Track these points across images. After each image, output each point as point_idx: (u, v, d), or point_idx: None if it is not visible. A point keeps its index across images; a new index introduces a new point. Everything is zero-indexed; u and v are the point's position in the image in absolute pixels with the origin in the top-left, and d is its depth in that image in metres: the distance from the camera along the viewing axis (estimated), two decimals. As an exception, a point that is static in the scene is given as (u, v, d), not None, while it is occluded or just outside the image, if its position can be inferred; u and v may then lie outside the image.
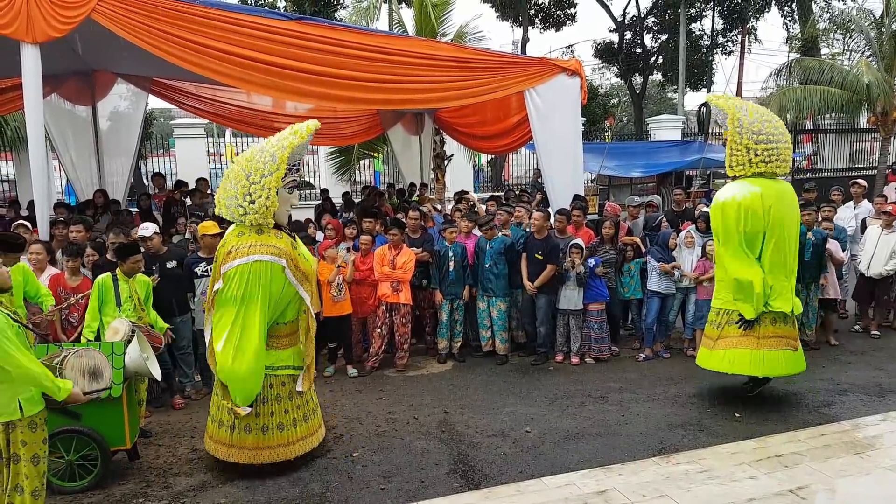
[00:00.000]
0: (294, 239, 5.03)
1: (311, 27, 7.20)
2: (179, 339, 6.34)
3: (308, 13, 14.98)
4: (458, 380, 7.02)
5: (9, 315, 3.87)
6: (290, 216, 5.22)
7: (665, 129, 18.65)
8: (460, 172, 16.86)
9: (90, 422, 4.69)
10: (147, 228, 6.65)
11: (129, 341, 4.89)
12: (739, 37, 24.40)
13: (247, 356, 4.61)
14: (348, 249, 7.39)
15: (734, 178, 5.96)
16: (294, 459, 4.97)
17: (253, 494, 4.68)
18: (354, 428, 5.77)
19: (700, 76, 24.61)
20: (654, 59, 25.57)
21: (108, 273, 5.63)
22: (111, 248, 6.37)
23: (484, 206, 9.59)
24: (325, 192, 13.18)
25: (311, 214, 11.86)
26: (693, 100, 29.59)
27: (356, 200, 11.94)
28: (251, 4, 15.76)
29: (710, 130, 16.71)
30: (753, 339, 5.85)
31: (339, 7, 18.09)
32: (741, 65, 24.98)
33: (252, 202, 4.58)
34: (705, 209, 7.64)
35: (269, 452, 4.84)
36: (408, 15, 17.00)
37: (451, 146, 14.18)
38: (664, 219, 8.26)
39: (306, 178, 20.46)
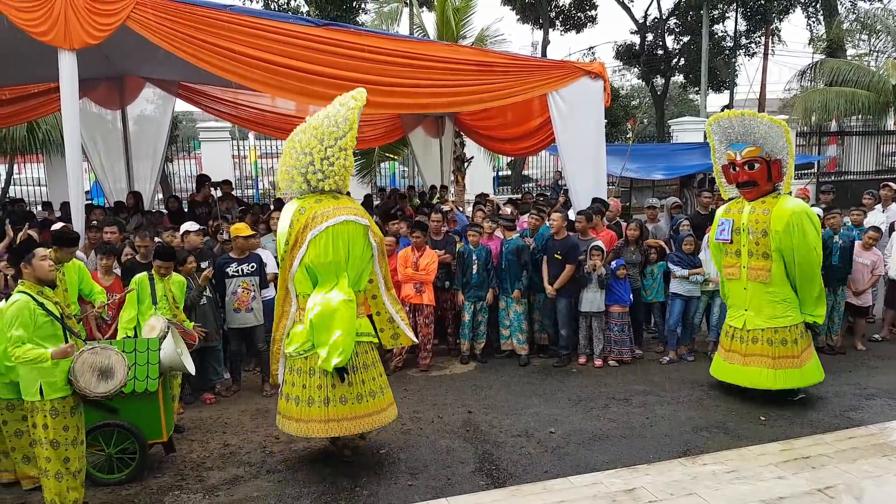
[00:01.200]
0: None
1: (336, 33, 7.32)
2: (210, 338, 6.48)
3: (331, 17, 15.15)
4: (480, 380, 7.09)
5: (40, 304, 4.03)
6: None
7: (687, 131, 18.58)
8: (480, 175, 16.93)
9: (128, 416, 4.84)
10: (191, 225, 6.95)
11: (163, 337, 5.03)
12: (763, 38, 24.22)
13: (345, 313, 4.57)
14: None
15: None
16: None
17: (283, 488, 4.80)
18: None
19: (723, 78, 24.48)
20: (675, 60, 25.45)
21: (145, 272, 5.80)
22: (140, 250, 6.55)
23: (509, 210, 9.64)
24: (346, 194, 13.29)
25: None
26: (716, 101, 29.35)
27: (377, 203, 12.06)
28: (275, 10, 15.95)
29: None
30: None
31: (361, 11, 18.27)
32: (765, 66, 24.80)
33: (331, 164, 4.62)
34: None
35: (368, 420, 4.83)
36: (429, 19, 17.18)
37: (471, 148, 14.26)
38: (685, 221, 8.26)
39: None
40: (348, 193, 5.03)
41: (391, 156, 16.96)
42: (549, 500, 4.46)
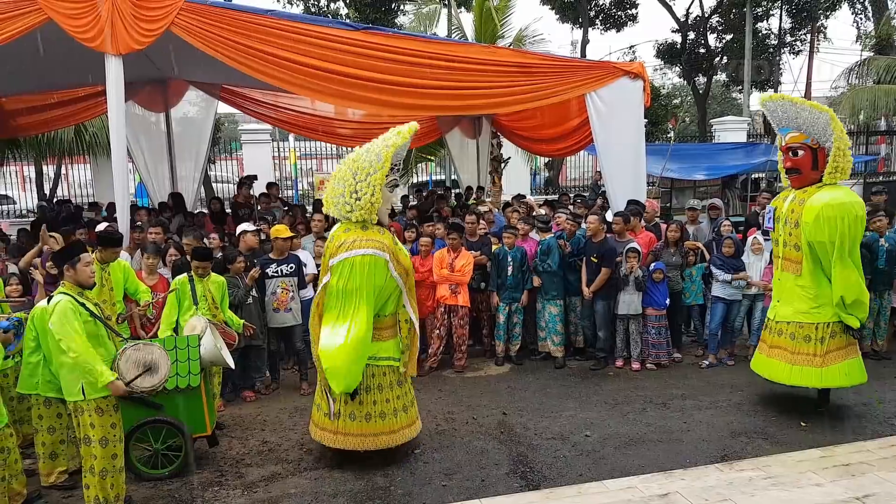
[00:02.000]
0: (394, 235, 5.26)
1: (375, 36, 7.39)
2: (256, 336, 6.61)
3: (370, 20, 15.28)
4: (515, 382, 7.08)
5: (80, 304, 4.17)
6: (392, 211, 5.47)
7: (730, 130, 18.24)
8: (517, 175, 16.87)
9: (172, 411, 4.98)
10: (248, 225, 7.22)
11: (202, 334, 5.17)
12: (808, 35, 23.60)
13: (350, 345, 4.76)
14: None
15: (821, 185, 5.77)
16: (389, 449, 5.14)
17: (321, 486, 4.87)
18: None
19: (767, 76, 23.93)
20: (718, 59, 24.97)
21: (185, 274, 5.95)
22: (188, 250, 6.72)
23: (543, 211, 9.60)
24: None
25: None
26: (759, 100, 28.67)
27: (412, 203, 12.12)
28: (315, 13, 16.15)
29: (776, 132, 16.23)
30: (854, 348, 5.90)
31: (399, 13, 18.39)
32: (810, 64, 24.11)
33: (358, 199, 4.81)
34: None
35: (373, 440, 5.03)
36: (467, 19, 17.16)
37: (508, 149, 14.22)
38: (726, 223, 8.11)
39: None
40: (382, 223, 5.14)
41: (428, 156, 17.01)
42: (584, 503, 4.45)
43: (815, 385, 5.85)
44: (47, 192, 17.41)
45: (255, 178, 11.44)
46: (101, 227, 7.08)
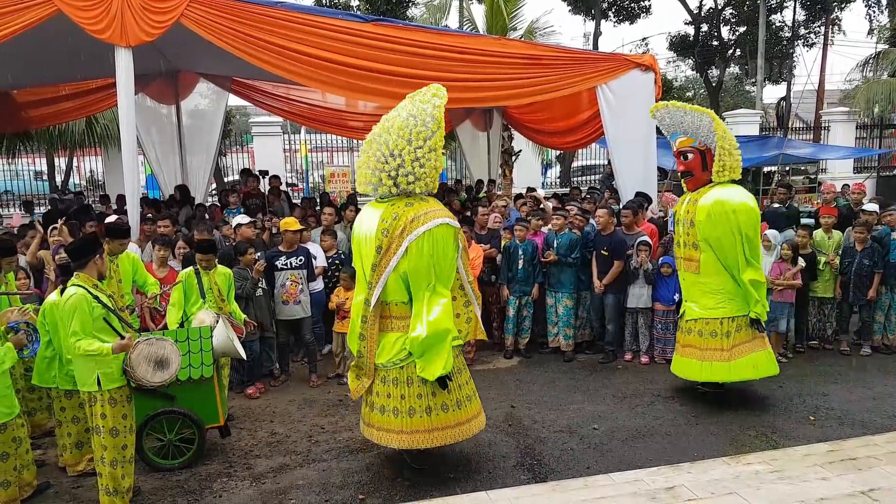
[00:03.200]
0: None
1: (385, 28, 7.39)
2: (266, 328, 6.66)
3: (381, 11, 15.24)
4: (524, 375, 7.08)
5: (93, 297, 4.21)
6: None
7: (742, 123, 18.09)
8: (528, 169, 16.83)
9: (185, 402, 5.02)
10: (243, 217, 7.17)
11: (214, 326, 5.20)
12: (822, 28, 23.35)
13: (446, 322, 4.47)
14: None
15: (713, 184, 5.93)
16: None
17: (328, 477, 4.90)
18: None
19: (780, 69, 23.71)
20: (731, 51, 24.76)
21: (191, 267, 5.97)
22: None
23: (550, 203, 9.57)
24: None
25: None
26: (772, 93, 28.43)
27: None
28: (326, 5, 16.14)
29: (789, 125, 16.10)
30: (762, 341, 5.98)
31: (410, 5, 18.33)
32: (824, 57, 23.88)
33: (422, 166, 4.45)
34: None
35: (468, 427, 4.72)
36: (478, 11, 17.08)
37: (519, 142, 14.18)
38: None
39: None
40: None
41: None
42: (590, 497, 4.44)
43: (725, 379, 5.92)
44: (59, 183, 17.56)
45: (265, 173, 11.43)
46: (110, 219, 7.12)
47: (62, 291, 4.31)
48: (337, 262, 7.54)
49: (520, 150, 14.36)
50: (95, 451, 4.33)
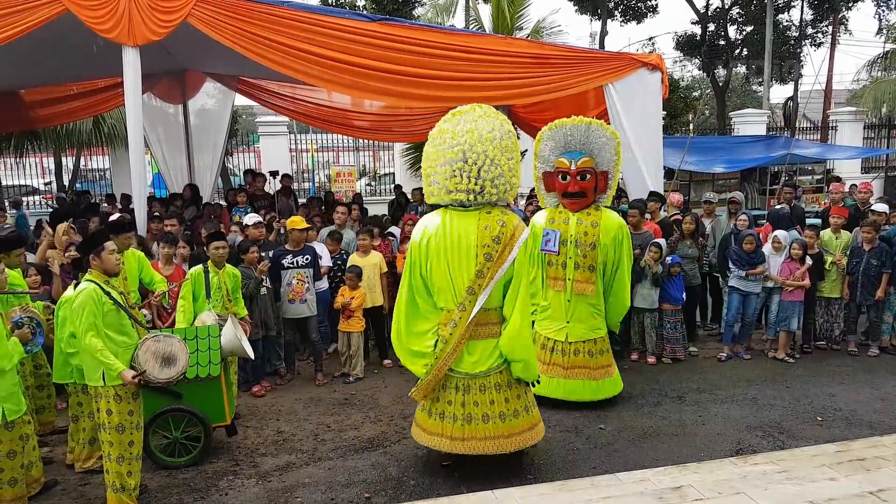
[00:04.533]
0: None
1: (392, 27, 7.38)
2: (271, 328, 6.65)
3: (387, 11, 15.24)
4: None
5: (105, 293, 4.22)
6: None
7: (749, 123, 18.04)
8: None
9: (192, 400, 5.03)
10: (251, 217, 7.15)
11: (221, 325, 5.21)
12: (830, 27, 23.23)
13: (530, 329, 4.89)
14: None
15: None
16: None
17: (334, 475, 4.90)
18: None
19: (788, 68, 23.58)
20: (738, 51, 24.66)
21: (201, 265, 5.98)
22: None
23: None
24: (398, 187, 13.43)
25: (385, 210, 12.14)
26: (779, 93, 28.27)
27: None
28: (332, 4, 16.16)
29: (797, 125, 16.03)
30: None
31: (416, 4, 18.32)
32: (832, 56, 23.77)
33: (514, 175, 4.73)
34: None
35: (530, 434, 4.88)
36: (485, 11, 17.07)
37: (524, 141, 14.14)
38: (743, 217, 8.03)
39: (381, 173, 20.92)
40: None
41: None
42: (596, 496, 4.42)
43: (617, 392, 6.12)
44: (66, 182, 17.62)
45: (275, 173, 11.43)
46: (114, 217, 7.15)
47: (76, 286, 4.34)
48: (339, 262, 7.54)
49: (525, 150, 14.30)
50: (102, 447, 4.33)
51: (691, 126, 13.95)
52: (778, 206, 9.13)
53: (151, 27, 6.79)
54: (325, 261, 7.38)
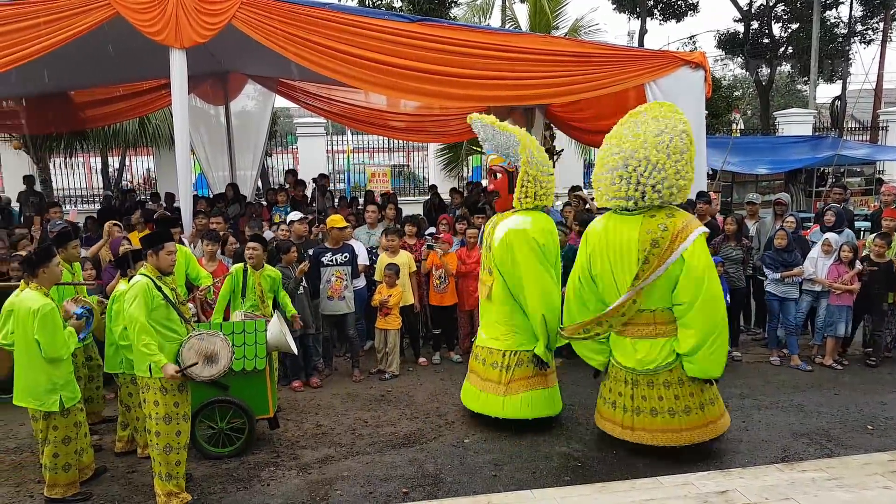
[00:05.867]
0: None
1: (430, 28, 7.42)
2: (309, 325, 6.74)
3: (424, 12, 15.30)
4: (566, 376, 6.93)
5: (158, 288, 4.32)
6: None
7: (794, 123, 17.62)
8: (570, 168, 16.65)
9: (237, 393, 5.15)
10: (295, 214, 7.29)
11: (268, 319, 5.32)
12: (881, 24, 22.56)
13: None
14: (430, 245, 7.48)
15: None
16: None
17: (372, 470, 4.94)
18: (465, 415, 5.90)
19: (835, 67, 23.00)
20: (782, 49, 24.12)
21: (241, 264, 6.10)
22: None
23: (596, 204, 9.43)
24: (433, 188, 13.47)
25: (420, 210, 12.18)
26: (826, 92, 27.56)
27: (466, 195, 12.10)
28: (370, 6, 16.28)
29: (844, 125, 15.61)
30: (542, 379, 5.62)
31: (453, 5, 18.34)
32: (882, 54, 23.08)
33: (682, 178, 4.80)
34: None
35: (704, 430, 4.98)
36: (521, 10, 17.05)
37: (561, 141, 14.03)
38: (790, 219, 7.84)
39: (415, 173, 21.01)
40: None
41: (479, 149, 16.94)
42: (638, 498, 4.37)
43: (498, 414, 5.49)
44: (112, 181, 18.10)
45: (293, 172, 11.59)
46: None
47: (129, 280, 4.46)
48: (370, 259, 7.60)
49: (562, 150, 14.19)
50: (149, 436, 4.44)
51: (734, 126, 13.67)
52: (834, 206, 8.83)
53: (197, 30, 6.94)
54: (363, 259, 7.44)
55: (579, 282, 5.21)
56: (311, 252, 6.97)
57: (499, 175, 5.68)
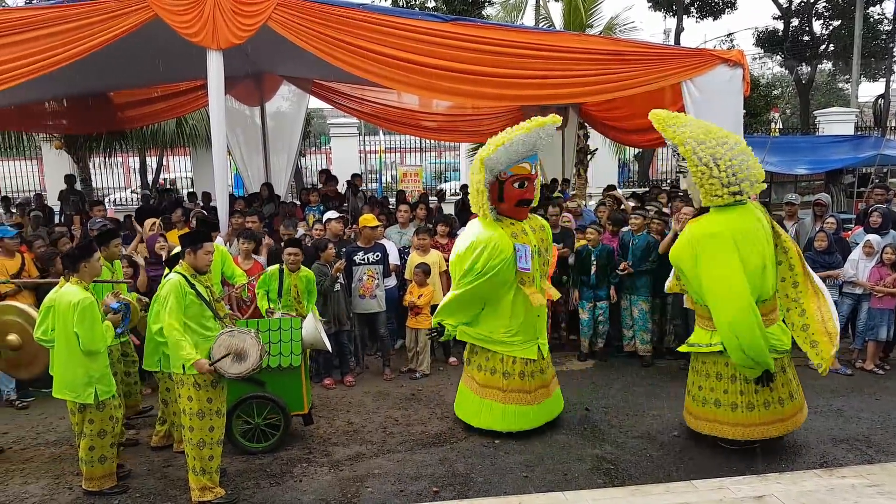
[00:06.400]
0: None
1: (464, 27, 7.40)
2: (344, 323, 6.80)
3: (457, 11, 15.30)
4: (599, 379, 6.93)
5: (192, 286, 4.39)
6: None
7: (835, 122, 17.22)
8: (604, 167, 16.50)
9: (273, 389, 5.23)
10: (332, 213, 7.37)
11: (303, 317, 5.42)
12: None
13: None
14: None
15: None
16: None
17: (403, 468, 4.96)
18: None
19: (878, 65, 22.41)
20: (823, 46, 23.58)
21: (278, 265, 6.18)
22: (284, 238, 7.00)
23: (632, 204, 9.33)
24: (465, 187, 13.46)
25: (451, 210, 12.19)
26: (869, 90, 26.86)
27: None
28: (404, 7, 16.34)
29: (888, 124, 15.17)
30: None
31: (486, 4, 18.30)
32: (928, 51, 22.41)
33: (734, 174, 4.82)
34: None
35: (780, 425, 5.04)
36: (555, 9, 16.94)
37: (595, 140, 13.91)
38: (829, 220, 7.66)
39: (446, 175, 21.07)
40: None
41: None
42: (672, 501, 4.31)
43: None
44: (150, 181, 18.48)
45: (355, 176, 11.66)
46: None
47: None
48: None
49: (595, 149, 14.06)
50: (184, 433, 4.51)
51: (773, 125, 13.38)
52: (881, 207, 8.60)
53: (234, 31, 7.04)
54: (394, 258, 7.47)
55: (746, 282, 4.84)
56: (343, 251, 7.03)
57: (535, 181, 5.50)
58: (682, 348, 5.37)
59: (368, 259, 6.96)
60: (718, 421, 5.05)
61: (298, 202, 11.24)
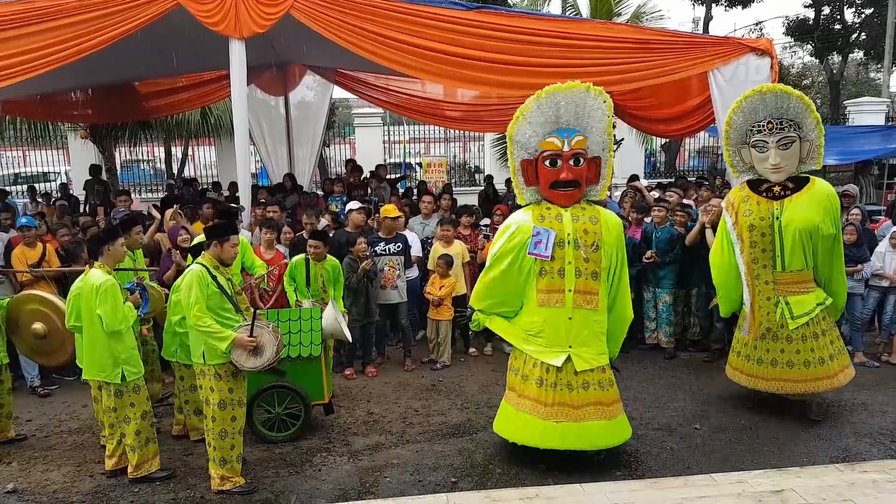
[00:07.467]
0: None
1: (488, 15, 7.33)
2: (373, 315, 6.84)
3: (481, 0, 15.19)
4: (621, 370, 6.86)
5: (213, 277, 4.43)
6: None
7: (866, 112, 16.80)
8: (630, 157, 16.29)
9: (294, 378, 5.27)
10: (354, 203, 7.39)
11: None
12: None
13: None
14: (486, 235, 7.41)
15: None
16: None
17: (422, 458, 4.98)
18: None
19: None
20: (855, 35, 23.02)
21: (303, 255, 6.21)
22: (306, 228, 7.03)
23: (655, 194, 9.21)
24: (489, 178, 13.40)
25: (475, 200, 12.15)
26: (902, 80, 26.19)
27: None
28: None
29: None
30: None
31: (511, -8, 18.15)
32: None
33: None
34: None
35: (803, 385, 5.47)
36: (582, -2, 16.68)
37: (621, 130, 13.73)
38: (853, 211, 7.51)
39: (471, 165, 20.98)
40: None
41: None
42: (690, 495, 4.27)
43: (628, 436, 4.88)
44: (175, 171, 18.65)
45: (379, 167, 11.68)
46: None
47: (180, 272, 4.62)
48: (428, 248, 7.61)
49: (622, 139, 13.89)
50: (205, 422, 4.56)
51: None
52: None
53: (256, 20, 7.05)
54: (416, 250, 7.47)
55: None
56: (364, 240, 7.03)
57: (582, 161, 4.77)
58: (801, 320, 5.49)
59: (389, 250, 6.97)
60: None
61: (321, 192, 11.27)
